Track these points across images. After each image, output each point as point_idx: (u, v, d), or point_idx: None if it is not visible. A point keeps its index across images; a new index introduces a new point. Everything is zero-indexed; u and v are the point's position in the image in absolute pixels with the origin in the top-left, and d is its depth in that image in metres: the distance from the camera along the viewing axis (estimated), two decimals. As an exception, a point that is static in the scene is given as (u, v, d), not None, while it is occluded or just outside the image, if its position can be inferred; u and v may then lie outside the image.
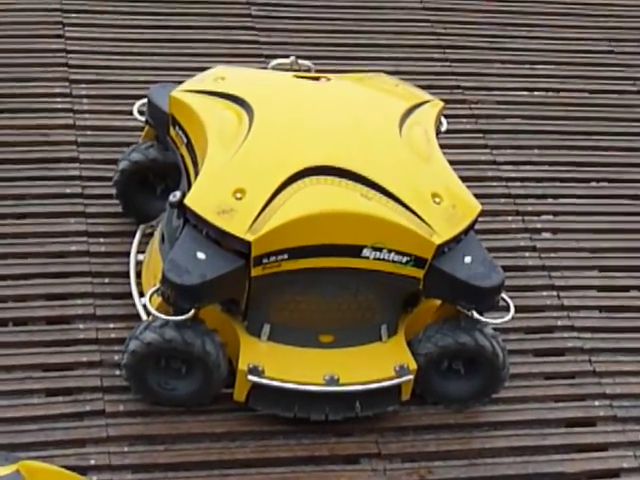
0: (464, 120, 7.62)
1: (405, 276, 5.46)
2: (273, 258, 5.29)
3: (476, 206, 5.56)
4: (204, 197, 5.35)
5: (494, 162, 7.35)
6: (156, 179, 6.18)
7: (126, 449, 5.55)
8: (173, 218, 5.57)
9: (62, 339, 6.06)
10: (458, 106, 7.73)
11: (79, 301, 6.27)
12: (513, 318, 6.18)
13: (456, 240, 5.46)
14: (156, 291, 5.39)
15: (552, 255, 6.82)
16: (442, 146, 6.38)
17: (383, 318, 5.67)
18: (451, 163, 6.41)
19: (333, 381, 5.50)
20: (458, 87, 7.95)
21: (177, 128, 5.88)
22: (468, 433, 5.85)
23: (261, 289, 5.45)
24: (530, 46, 8.43)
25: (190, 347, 5.34)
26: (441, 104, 6.12)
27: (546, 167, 7.44)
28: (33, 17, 8.16)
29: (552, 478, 5.71)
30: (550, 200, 7.21)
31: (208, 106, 5.77)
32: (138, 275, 6.09)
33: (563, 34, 8.63)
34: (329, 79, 6.13)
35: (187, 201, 5.31)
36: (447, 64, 8.15)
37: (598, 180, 7.43)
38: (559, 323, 6.42)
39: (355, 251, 5.33)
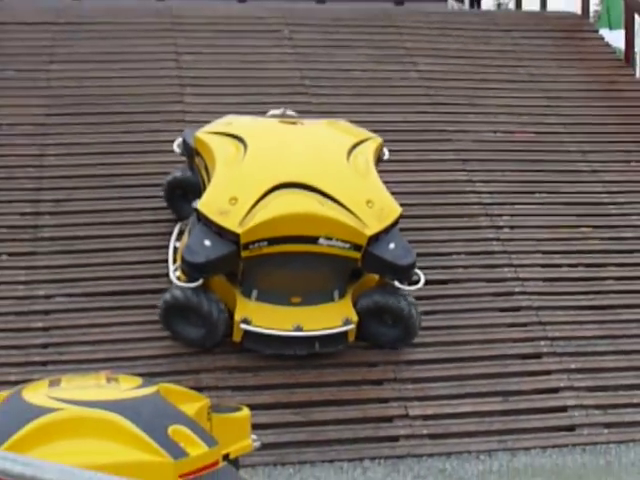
0: (451, 155, 7.68)
1: (348, 257, 5.75)
2: (256, 245, 5.62)
3: (397, 209, 5.90)
4: (210, 203, 5.72)
5: (470, 180, 7.41)
6: (188, 191, 6.40)
7: (226, 375, 5.75)
8: (194, 218, 5.95)
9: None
10: (446, 148, 7.83)
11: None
12: (485, 286, 6.44)
13: (383, 232, 5.73)
14: (178, 266, 5.79)
15: (511, 243, 6.87)
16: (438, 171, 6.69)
17: (335, 285, 5.90)
18: (440, 182, 6.49)
19: (299, 328, 5.73)
20: (444, 131, 7.95)
21: (199, 157, 6.26)
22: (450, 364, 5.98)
23: (249, 266, 5.76)
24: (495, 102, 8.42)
25: (199, 306, 5.66)
26: (379, 140, 6.44)
27: (506, 184, 7.47)
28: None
29: (514, 393, 5.76)
30: (508, 206, 7.24)
31: (218, 142, 6.11)
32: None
33: (511, 94, 8.62)
34: (303, 123, 6.53)
35: (199, 206, 5.72)
36: (437, 117, 8.15)
37: (540, 192, 7.42)
38: (516, 289, 6.49)
39: (313, 240, 5.65)
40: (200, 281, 5.66)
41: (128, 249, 6.52)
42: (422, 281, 5.95)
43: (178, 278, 5.75)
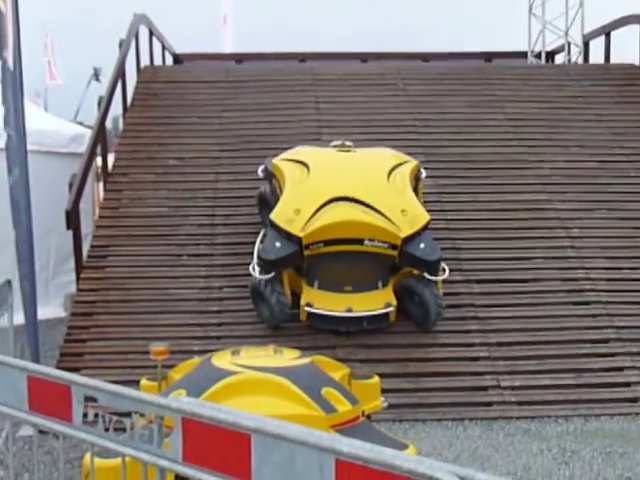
0: (532, 180, 7.49)
1: (388, 255, 5.75)
2: (315, 245, 5.66)
3: (426, 217, 5.89)
4: (280, 214, 5.75)
5: (549, 200, 7.22)
6: (268, 204, 6.32)
7: (356, 350, 5.69)
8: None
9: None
10: (528, 174, 7.63)
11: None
12: (561, 284, 6.32)
13: (415, 235, 5.71)
14: (256, 262, 5.82)
15: (582, 250, 6.68)
16: (522, 192, 6.34)
17: (379, 277, 5.88)
18: (524, 201, 6.36)
19: (350, 310, 5.72)
20: (526, 160, 7.75)
21: (274, 179, 6.31)
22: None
23: (311, 262, 5.78)
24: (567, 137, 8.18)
25: (265, 294, 5.70)
26: (415, 163, 6.41)
27: (577, 202, 7.21)
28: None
29: (585, 371, 5.57)
30: (580, 220, 7.00)
31: (289, 167, 6.16)
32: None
33: (582, 131, 8.34)
34: (355, 151, 6.53)
35: (271, 216, 5.77)
36: (521, 150, 7.96)
37: (605, 209, 7.18)
38: (587, 287, 6.30)
39: (359, 241, 5.67)
40: (272, 274, 5.68)
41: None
42: (447, 273, 5.86)
43: (255, 270, 5.79)
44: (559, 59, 11.81)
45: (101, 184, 8.06)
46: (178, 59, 11.25)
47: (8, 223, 5.01)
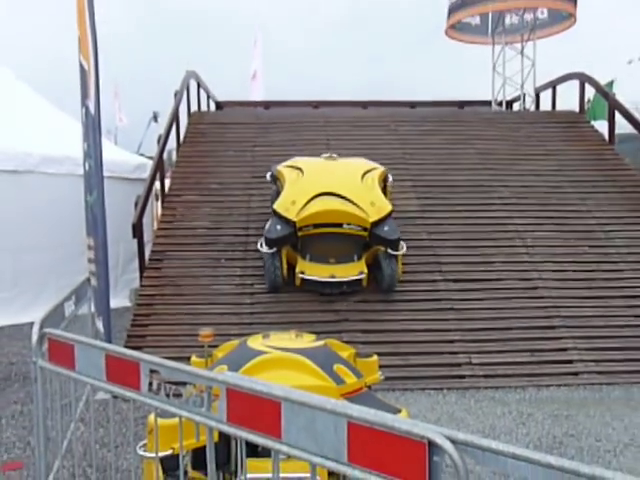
0: (496, 201, 7.45)
1: (361, 235, 5.93)
2: (306, 228, 5.85)
3: (389, 207, 6.00)
4: (280, 204, 5.96)
5: (510, 217, 7.20)
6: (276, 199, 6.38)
7: (358, 335, 5.68)
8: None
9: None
10: (493, 196, 7.55)
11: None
12: (518, 282, 6.20)
13: (380, 220, 5.87)
14: (263, 241, 6.00)
15: (535, 256, 6.66)
16: (488, 211, 6.19)
17: (354, 252, 6.04)
18: (490, 217, 6.24)
19: (333, 276, 5.92)
20: (492, 186, 7.72)
21: (278, 183, 6.46)
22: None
23: (303, 241, 5.96)
24: (524, 167, 8.12)
25: (269, 263, 5.94)
26: (382, 169, 6.53)
27: (531, 218, 7.18)
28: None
29: (538, 351, 5.54)
30: (532, 232, 6.97)
31: (288, 171, 6.35)
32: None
33: (535, 162, 8.29)
34: (338, 160, 6.62)
35: (274, 206, 6.00)
36: (487, 177, 7.94)
37: (553, 223, 7.13)
38: (539, 285, 6.29)
39: (339, 225, 5.87)
40: (274, 249, 5.90)
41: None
42: (404, 249, 6.08)
43: (262, 247, 5.99)
44: (516, 106, 11.79)
45: (159, 203, 8.10)
46: (219, 105, 11.26)
47: (83, 233, 5.04)
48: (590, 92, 10.17)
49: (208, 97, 10.59)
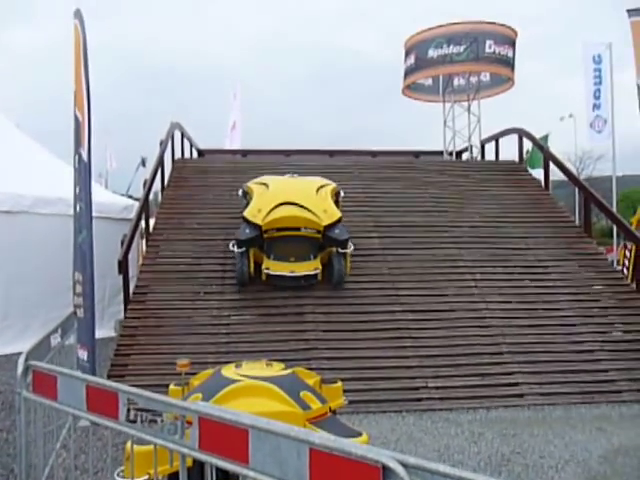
0: (448, 239, 7.53)
1: (316, 237, 6.33)
2: (270, 231, 6.25)
3: (338, 214, 6.41)
4: (249, 212, 6.36)
5: (460, 254, 7.24)
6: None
7: (325, 362, 5.57)
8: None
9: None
10: (445, 236, 7.63)
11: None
12: (467, 313, 6.21)
13: (332, 225, 6.27)
14: (234, 242, 6.35)
15: (483, 289, 6.68)
16: (441, 249, 6.27)
17: (311, 252, 6.41)
18: (443, 255, 6.24)
19: (293, 272, 6.31)
20: (444, 226, 7.81)
21: (247, 196, 6.83)
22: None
23: (268, 242, 6.33)
24: (472, 209, 8.26)
25: (239, 260, 6.32)
26: (334, 185, 6.92)
27: (479, 255, 7.23)
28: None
29: (487, 375, 5.54)
30: (481, 268, 7.03)
31: (256, 186, 6.76)
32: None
33: (482, 204, 8.43)
34: (298, 178, 7.08)
35: (244, 214, 6.39)
36: (440, 217, 8.02)
37: (498, 260, 7.21)
38: (487, 315, 6.25)
39: (298, 229, 6.26)
40: (243, 249, 6.28)
41: (275, 290, 6.42)
42: (352, 248, 6.47)
43: (234, 247, 6.33)
44: (465, 156, 12.06)
45: (144, 241, 7.98)
46: (201, 153, 11.21)
47: (70, 270, 4.93)
48: (529, 144, 10.52)
49: (191, 145, 10.58)
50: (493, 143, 10.83)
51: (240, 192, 7.06)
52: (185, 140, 10.09)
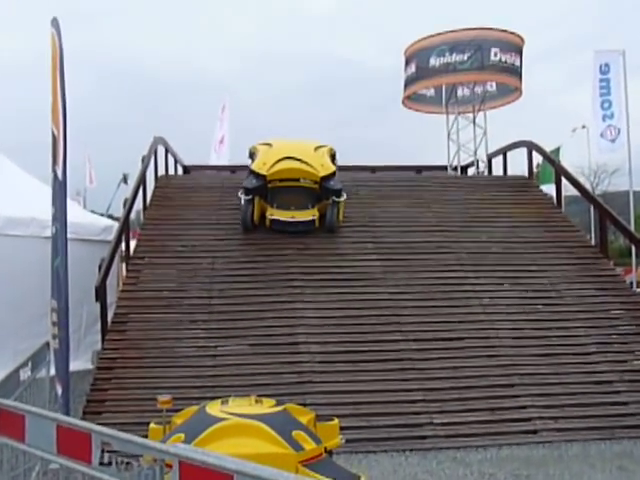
0: (453, 261, 7.56)
1: (313, 188, 7.66)
2: (274, 182, 7.58)
3: (333, 168, 7.73)
4: (256, 165, 7.69)
5: (466, 277, 7.26)
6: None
7: (321, 397, 5.51)
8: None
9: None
10: (450, 257, 7.66)
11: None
12: (476, 340, 6.17)
13: (328, 177, 7.62)
14: (241, 191, 7.79)
15: (491, 315, 6.68)
16: (446, 271, 6.27)
17: (309, 202, 7.74)
18: (447, 277, 6.25)
19: (293, 217, 7.61)
20: (449, 246, 7.85)
21: (253, 156, 8.00)
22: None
23: (272, 192, 7.67)
24: (479, 229, 8.32)
25: (244, 208, 7.71)
26: (330, 147, 8.14)
27: (487, 278, 7.25)
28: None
29: (498, 409, 5.48)
30: (489, 292, 7.05)
31: (261, 147, 8.00)
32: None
33: (489, 224, 8.47)
34: (299, 141, 8.50)
35: (252, 167, 7.73)
36: (444, 238, 8.07)
37: (508, 283, 7.26)
38: (496, 344, 6.24)
39: (298, 180, 7.60)
40: (250, 196, 7.62)
41: (265, 318, 6.41)
42: (344, 197, 7.81)
43: (241, 195, 7.74)
44: (471, 171, 12.15)
45: (124, 265, 7.92)
46: (187, 169, 11.27)
47: (47, 296, 4.89)
48: (539, 158, 10.59)
49: (176, 161, 10.62)
50: (501, 157, 10.91)
51: (248, 152, 8.19)
52: (169, 156, 10.13)
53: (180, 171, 10.98)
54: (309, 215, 7.61)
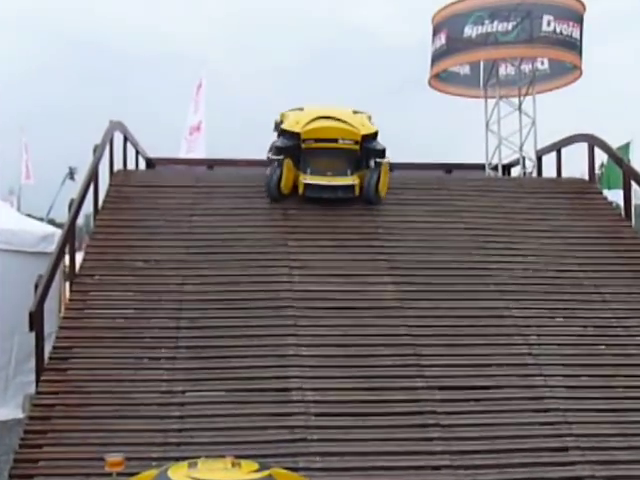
0: (492, 287, 7.63)
1: (353, 149, 8.53)
2: (308, 141, 8.43)
3: (375, 128, 8.72)
4: (287, 124, 8.60)
5: (507, 307, 7.27)
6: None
7: (316, 459, 5.48)
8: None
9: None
10: (488, 282, 7.71)
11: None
12: (520, 391, 6.20)
13: (369, 136, 8.59)
14: (270, 152, 8.85)
15: (540, 357, 6.67)
16: (482, 300, 6.32)
17: (348, 167, 8.58)
18: (483, 308, 6.31)
19: (331, 182, 8.49)
20: (486, 268, 7.90)
21: (281, 123, 8.82)
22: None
23: (305, 154, 8.48)
24: (525, 246, 8.37)
25: (272, 171, 8.60)
26: (368, 113, 9.01)
27: (535, 310, 7.22)
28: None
29: None
30: (537, 327, 7.07)
31: (291, 112, 8.89)
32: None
33: (538, 241, 8.52)
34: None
35: (282, 127, 8.64)
36: (480, 257, 8.15)
37: (562, 317, 7.28)
38: (546, 394, 6.23)
39: (336, 140, 8.44)
40: (281, 156, 8.43)
41: (246, 356, 6.45)
42: (389, 160, 8.72)
43: (270, 154, 8.76)
44: (515, 172, 12.20)
45: (68, 284, 7.97)
46: (151, 163, 11.32)
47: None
48: (603, 156, 10.64)
49: (137, 153, 10.69)
50: (554, 154, 10.93)
51: (274, 123, 8.93)
52: (129, 145, 10.18)
53: (142, 165, 11.03)
54: (348, 181, 8.50)
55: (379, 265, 7.76)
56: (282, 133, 8.52)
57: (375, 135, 8.59)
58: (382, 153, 8.56)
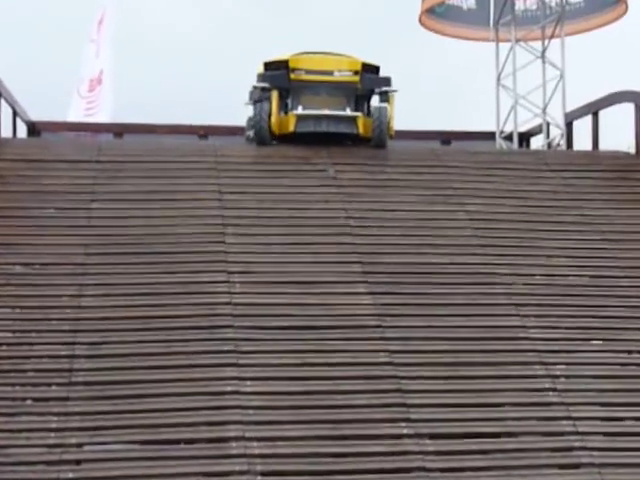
0: (502, 299, 7.73)
1: (353, 82, 9.83)
2: (299, 72, 9.69)
3: (377, 65, 10.01)
4: (273, 58, 9.92)
5: (524, 326, 7.34)
6: None
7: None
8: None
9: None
10: (497, 292, 7.84)
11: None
12: (542, 440, 6.37)
13: (370, 67, 9.93)
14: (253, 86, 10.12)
15: (569, 394, 6.74)
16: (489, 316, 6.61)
17: (346, 103, 9.83)
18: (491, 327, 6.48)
19: (328, 113, 9.68)
20: (495, 274, 8.00)
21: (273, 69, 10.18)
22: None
23: (295, 89, 9.76)
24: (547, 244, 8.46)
25: (257, 110, 9.72)
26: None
27: (561, 330, 7.33)
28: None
29: None
30: (565, 354, 7.18)
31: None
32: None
33: (565, 236, 8.69)
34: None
35: (264, 61, 9.86)
36: (487, 259, 8.22)
37: (599, 339, 7.39)
38: (576, 444, 6.29)
39: (331, 73, 9.72)
40: (266, 90, 9.64)
41: (167, 395, 6.44)
42: (396, 91, 9.98)
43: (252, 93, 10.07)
44: (536, 143, 12.30)
45: None
46: (34, 129, 11.30)
47: None
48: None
49: (15, 114, 10.66)
50: (589, 119, 11.09)
51: (257, 77, 9.96)
52: (2, 104, 10.11)
53: (23, 132, 11.02)
54: (350, 113, 9.78)
55: (350, 269, 7.80)
56: (266, 66, 9.69)
57: (377, 69, 9.87)
58: (387, 81, 9.83)
